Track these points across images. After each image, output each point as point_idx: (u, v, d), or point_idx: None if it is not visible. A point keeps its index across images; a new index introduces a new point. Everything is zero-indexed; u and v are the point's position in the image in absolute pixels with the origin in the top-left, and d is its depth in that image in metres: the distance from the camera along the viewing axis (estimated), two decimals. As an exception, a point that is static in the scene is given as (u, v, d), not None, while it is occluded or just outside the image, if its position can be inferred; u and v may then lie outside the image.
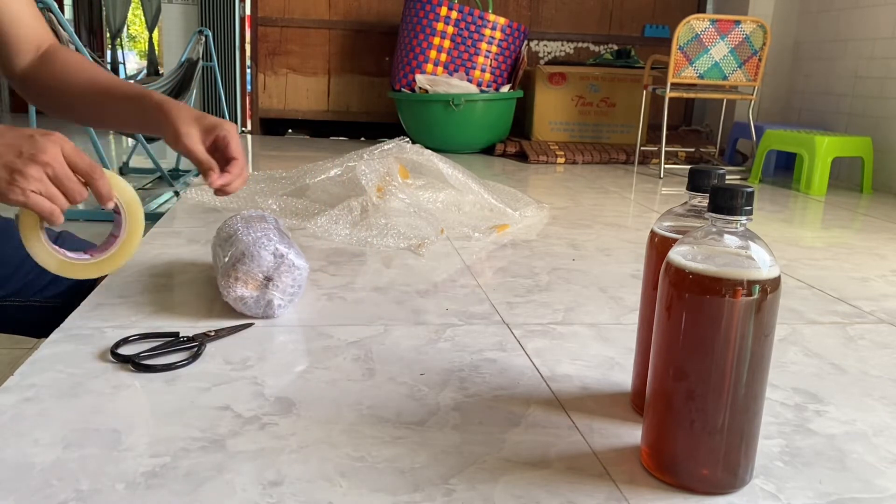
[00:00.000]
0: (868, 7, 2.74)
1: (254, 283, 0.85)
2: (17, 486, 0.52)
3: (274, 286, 0.86)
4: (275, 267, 0.85)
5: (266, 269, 0.85)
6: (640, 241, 1.49)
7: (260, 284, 0.85)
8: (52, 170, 0.68)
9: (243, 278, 0.85)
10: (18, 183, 0.67)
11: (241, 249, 0.85)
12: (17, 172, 0.67)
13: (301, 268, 0.87)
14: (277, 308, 0.87)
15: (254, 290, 0.85)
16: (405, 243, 1.31)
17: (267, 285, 0.86)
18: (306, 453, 0.58)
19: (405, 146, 1.56)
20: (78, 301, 0.91)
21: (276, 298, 0.86)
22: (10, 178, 0.67)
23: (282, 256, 0.85)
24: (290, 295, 0.88)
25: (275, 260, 0.85)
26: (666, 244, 0.60)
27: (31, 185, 0.68)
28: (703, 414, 0.53)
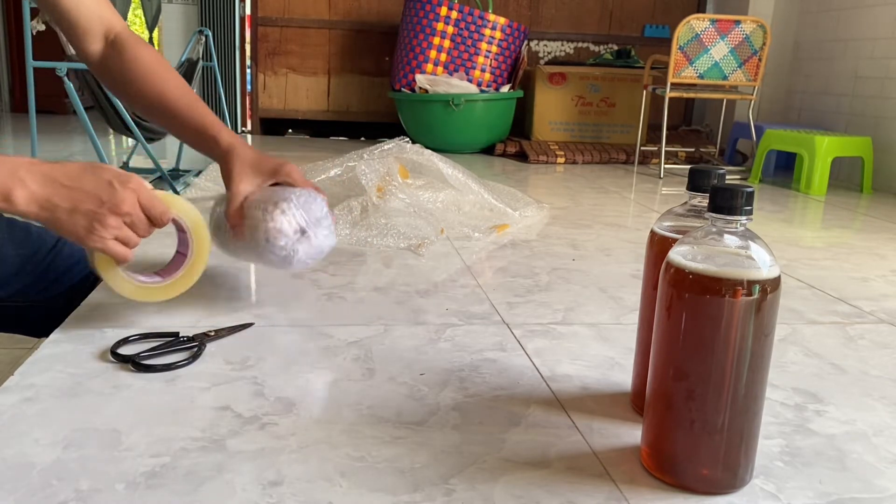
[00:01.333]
0: (868, 7, 2.74)
1: (293, 224, 0.84)
2: (17, 486, 0.52)
3: (307, 239, 0.85)
4: (316, 223, 0.85)
5: (309, 221, 0.85)
6: (640, 241, 1.49)
7: (297, 230, 0.84)
8: (129, 219, 0.73)
9: (288, 215, 0.83)
10: (98, 232, 0.71)
11: (295, 195, 0.85)
12: (97, 222, 0.71)
13: (332, 242, 0.88)
14: (297, 262, 0.86)
15: (289, 230, 0.84)
16: (405, 243, 1.31)
17: (302, 234, 0.85)
18: (306, 453, 0.58)
19: (405, 146, 1.56)
20: (78, 301, 0.91)
21: (301, 251, 0.85)
22: (90, 227, 0.71)
23: (328, 218, 0.87)
24: (312, 258, 0.87)
25: (320, 218, 0.86)
26: (666, 244, 0.60)
27: (110, 233, 0.72)
28: (703, 414, 0.53)
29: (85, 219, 0.71)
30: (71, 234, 0.71)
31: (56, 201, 0.70)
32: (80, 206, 0.70)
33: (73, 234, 0.71)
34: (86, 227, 0.71)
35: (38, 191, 0.69)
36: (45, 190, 0.69)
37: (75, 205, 0.70)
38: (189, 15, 5.32)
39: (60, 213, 0.70)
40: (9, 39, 5.64)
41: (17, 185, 0.68)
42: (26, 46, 2.61)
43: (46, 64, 2.43)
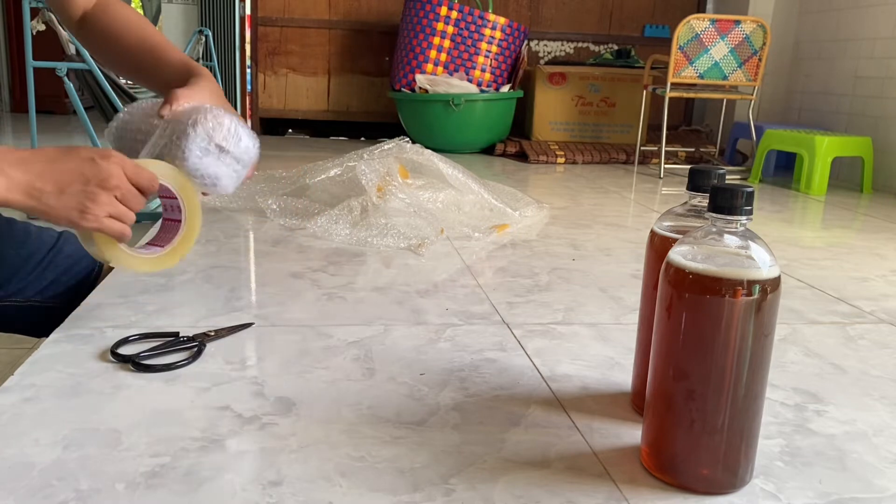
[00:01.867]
0: (868, 7, 2.74)
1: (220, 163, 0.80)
2: (17, 486, 0.52)
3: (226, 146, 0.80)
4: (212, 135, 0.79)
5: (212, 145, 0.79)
6: (640, 241, 1.49)
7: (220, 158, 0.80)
8: (119, 192, 0.70)
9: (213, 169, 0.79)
10: (91, 211, 0.68)
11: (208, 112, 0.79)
12: (89, 201, 0.68)
13: (214, 115, 0.80)
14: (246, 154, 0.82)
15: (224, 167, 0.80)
16: (405, 243, 1.31)
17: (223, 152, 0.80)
18: (306, 453, 0.58)
19: (405, 146, 1.56)
20: (78, 301, 0.91)
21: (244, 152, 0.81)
22: (82, 207, 0.68)
23: (200, 136, 0.78)
24: (238, 137, 0.81)
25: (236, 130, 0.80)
26: (666, 244, 0.60)
27: (103, 210, 0.69)
28: (703, 414, 0.53)
29: (75, 199, 0.68)
30: (62, 219, 0.68)
31: (40, 186, 0.67)
32: (67, 188, 0.68)
33: (64, 219, 0.68)
34: (77, 208, 0.68)
35: (20, 177, 0.66)
36: (26, 176, 0.66)
37: (61, 187, 0.67)
38: (189, 15, 5.32)
39: (48, 197, 0.67)
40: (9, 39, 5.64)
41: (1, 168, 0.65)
42: (26, 46, 2.61)
43: (46, 64, 2.43)
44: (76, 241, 0.98)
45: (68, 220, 0.69)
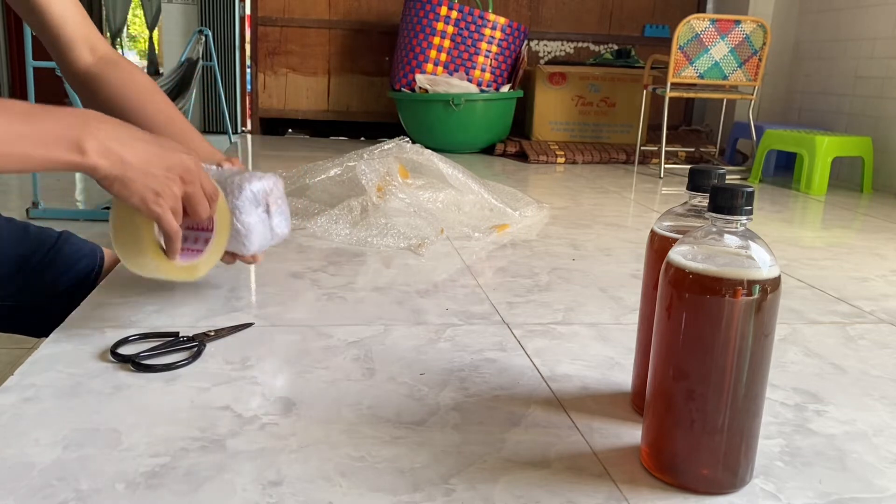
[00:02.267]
0: (868, 7, 2.74)
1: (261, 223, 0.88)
2: (17, 486, 0.52)
3: (273, 213, 0.89)
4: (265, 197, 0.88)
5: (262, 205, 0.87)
6: (640, 241, 1.49)
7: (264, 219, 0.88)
8: (191, 189, 0.71)
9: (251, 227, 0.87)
10: (164, 196, 0.69)
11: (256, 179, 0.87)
12: (165, 187, 0.69)
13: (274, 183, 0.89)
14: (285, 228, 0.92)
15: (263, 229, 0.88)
16: (405, 243, 1.31)
17: (269, 215, 0.89)
18: (306, 453, 0.58)
19: (405, 146, 1.56)
20: (78, 301, 0.91)
21: (278, 226, 0.90)
22: (158, 190, 0.69)
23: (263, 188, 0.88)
24: (282, 213, 0.91)
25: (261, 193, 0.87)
26: (666, 244, 0.60)
27: (170, 202, 0.70)
28: (703, 414, 0.53)
29: (155, 181, 0.68)
30: (136, 196, 0.67)
31: (128, 158, 0.66)
32: (151, 166, 0.67)
33: (138, 194, 0.67)
34: (154, 189, 0.68)
35: (111, 142, 0.65)
36: (115, 141, 0.65)
37: (147, 165, 0.67)
38: (189, 15, 5.33)
39: (132, 171, 0.66)
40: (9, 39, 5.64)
41: (89, 135, 0.64)
42: (26, 46, 2.61)
43: (46, 64, 2.42)
44: (76, 241, 0.99)
45: (141, 198, 0.68)
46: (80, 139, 0.63)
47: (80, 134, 0.63)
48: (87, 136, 0.63)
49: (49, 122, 0.62)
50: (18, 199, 3.11)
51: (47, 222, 0.99)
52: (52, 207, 2.87)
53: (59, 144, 0.62)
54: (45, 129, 0.62)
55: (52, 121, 0.62)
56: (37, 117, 0.62)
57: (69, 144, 0.62)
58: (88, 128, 0.64)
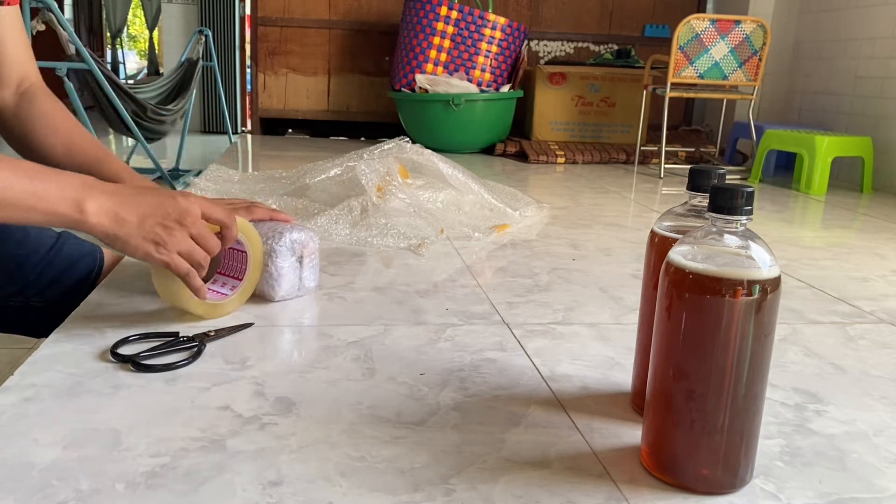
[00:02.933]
0: (868, 7, 2.74)
1: (292, 271, 0.94)
2: (17, 486, 0.52)
3: (305, 265, 0.96)
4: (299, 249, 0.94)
5: (296, 254, 0.93)
6: (640, 241, 1.49)
7: (295, 268, 0.94)
8: (195, 229, 0.74)
9: (282, 273, 0.92)
10: (165, 245, 0.73)
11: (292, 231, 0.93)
12: (165, 234, 0.72)
13: (311, 238, 0.95)
14: (313, 282, 0.98)
15: (293, 278, 0.94)
16: (405, 243, 1.31)
17: (300, 265, 0.95)
18: (306, 453, 0.58)
19: (405, 146, 1.56)
20: (78, 301, 0.91)
21: (307, 279, 0.97)
22: (158, 240, 0.72)
23: (299, 240, 0.93)
24: (313, 267, 0.98)
25: (297, 244, 0.93)
26: (666, 244, 0.60)
27: (175, 246, 0.73)
28: (703, 414, 0.53)
29: (152, 232, 0.71)
30: (139, 249, 0.72)
31: (124, 214, 0.70)
32: (147, 219, 0.71)
33: (141, 249, 0.72)
34: (153, 240, 0.72)
35: (108, 203, 0.69)
36: (113, 201, 0.70)
37: (142, 218, 0.71)
38: (189, 15, 5.33)
39: (129, 227, 0.70)
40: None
41: (89, 196, 0.68)
42: (26, 46, 2.59)
43: (46, 64, 2.42)
44: (75, 242, 0.99)
45: (144, 252, 0.72)
46: (82, 200, 0.68)
47: (82, 195, 0.68)
48: (87, 197, 0.68)
49: (54, 182, 0.67)
50: (18, 199, 3.11)
51: (47, 222, 0.99)
52: (52, 207, 2.86)
53: (63, 202, 0.67)
54: (51, 188, 0.67)
55: (57, 181, 0.68)
56: (44, 177, 0.67)
57: (71, 203, 0.67)
58: (89, 190, 0.69)
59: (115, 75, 3.38)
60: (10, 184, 0.64)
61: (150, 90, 3.40)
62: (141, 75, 9.89)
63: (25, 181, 0.65)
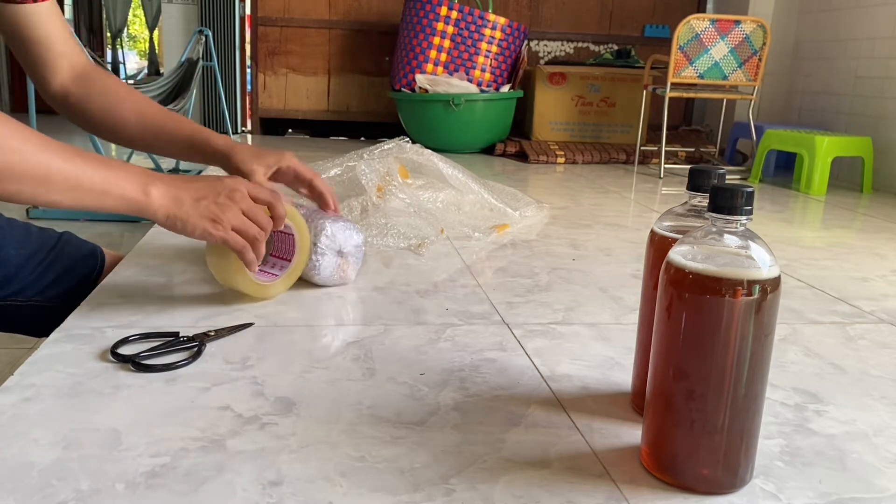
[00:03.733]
0: (868, 7, 2.74)
1: (336, 257, 0.99)
2: (17, 486, 0.52)
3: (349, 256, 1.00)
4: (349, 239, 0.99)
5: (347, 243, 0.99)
6: (640, 241, 1.49)
7: (337, 256, 0.99)
8: (245, 205, 0.80)
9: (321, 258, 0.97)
10: (221, 221, 0.78)
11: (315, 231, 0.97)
12: (219, 211, 0.78)
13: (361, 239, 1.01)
14: (353, 275, 1.03)
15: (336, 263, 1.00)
16: (405, 243, 1.31)
17: (342, 256, 0.99)
18: (306, 453, 0.58)
19: (405, 146, 1.56)
20: (78, 301, 0.91)
21: (350, 270, 1.02)
22: (214, 217, 0.77)
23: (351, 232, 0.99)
24: (358, 259, 1.03)
25: (351, 232, 0.99)
26: (666, 244, 0.60)
27: (230, 222, 0.78)
28: (703, 414, 0.53)
29: (208, 209, 0.77)
30: (198, 228, 0.77)
31: (182, 196, 0.76)
32: (202, 200, 0.77)
33: (200, 228, 0.77)
34: (210, 217, 0.77)
35: (167, 187, 0.75)
36: (171, 186, 0.76)
37: (197, 197, 0.77)
38: (189, 15, 5.32)
39: (187, 207, 0.76)
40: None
41: (151, 182, 0.74)
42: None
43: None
44: (76, 242, 0.99)
45: (203, 230, 0.77)
46: (147, 184, 0.74)
47: (147, 181, 0.74)
48: (150, 182, 0.74)
49: (122, 171, 0.73)
50: (18, 199, 3.11)
51: (48, 223, 0.99)
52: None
53: (131, 187, 0.73)
54: (120, 175, 0.73)
55: (125, 169, 0.74)
56: (113, 165, 0.73)
57: (138, 187, 0.73)
58: (151, 177, 0.75)
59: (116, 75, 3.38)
60: (86, 170, 0.70)
61: (151, 90, 3.40)
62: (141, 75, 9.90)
63: (99, 168, 0.71)
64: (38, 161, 0.67)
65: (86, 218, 2.81)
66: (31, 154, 0.67)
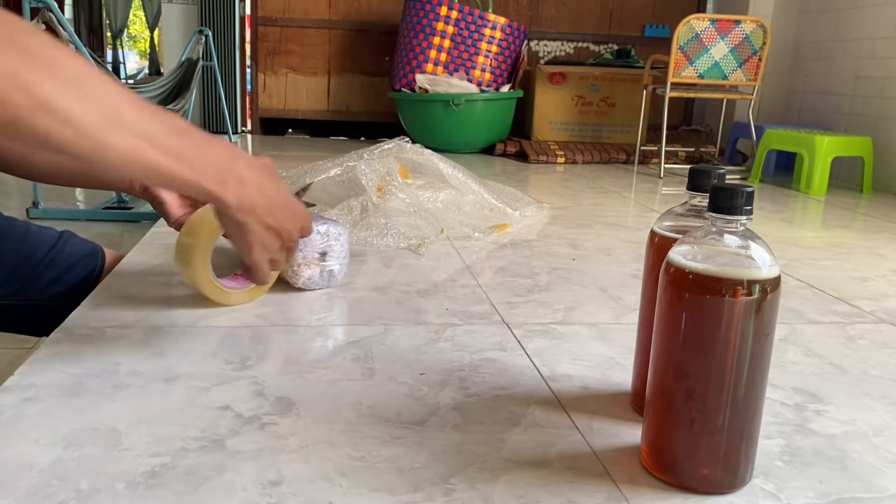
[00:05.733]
0: (868, 7, 2.74)
1: (313, 262, 0.98)
2: (17, 486, 0.52)
3: (329, 257, 0.99)
4: (324, 241, 0.97)
5: (319, 247, 0.97)
6: (640, 241, 1.49)
7: (318, 260, 0.99)
8: (293, 248, 0.70)
9: (304, 262, 0.98)
10: (268, 249, 0.66)
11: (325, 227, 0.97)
12: (274, 240, 0.66)
13: (343, 232, 1.00)
14: (339, 275, 1.02)
15: (315, 269, 0.99)
16: (405, 243, 1.31)
17: (324, 259, 0.99)
18: (306, 453, 0.58)
19: (405, 146, 1.56)
20: (78, 301, 0.91)
21: (335, 268, 1.00)
22: (266, 243, 0.66)
23: (326, 232, 0.97)
24: (343, 259, 1.01)
25: (321, 237, 0.97)
26: (666, 244, 0.60)
27: (271, 254, 0.67)
28: (703, 414, 0.53)
29: (267, 234, 0.65)
30: (245, 244, 0.65)
31: (258, 203, 0.63)
32: (269, 220, 0.64)
33: (247, 245, 0.65)
34: (263, 242, 0.65)
35: (249, 190, 0.62)
36: (252, 190, 0.62)
37: (266, 214, 0.64)
38: (189, 15, 5.32)
39: (254, 218, 0.63)
40: (9, 39, 5.63)
41: (233, 173, 0.61)
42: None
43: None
44: (77, 241, 0.99)
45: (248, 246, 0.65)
46: (225, 173, 0.60)
47: (227, 167, 0.61)
48: (231, 172, 0.61)
49: (203, 148, 0.59)
50: (18, 199, 3.11)
51: (47, 222, 0.99)
52: (52, 207, 2.87)
53: (207, 171, 0.59)
54: (200, 153, 0.59)
55: (206, 146, 0.60)
56: (192, 137, 0.59)
57: (215, 175, 0.60)
58: (235, 164, 0.61)
59: (116, 75, 3.37)
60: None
61: (151, 90, 3.40)
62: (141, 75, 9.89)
63: (174, 138, 0.57)
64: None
65: (86, 217, 2.81)
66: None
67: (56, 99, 0.49)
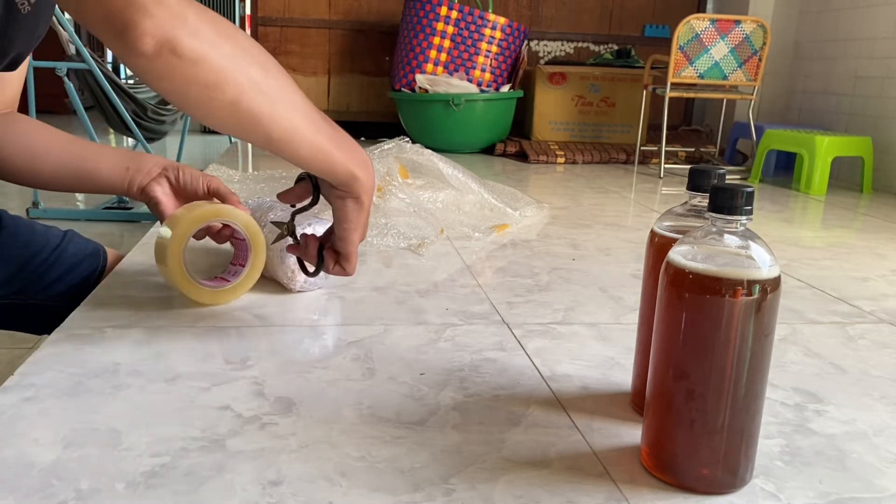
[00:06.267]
0: (868, 7, 2.74)
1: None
2: (17, 486, 0.52)
3: None
4: None
5: None
6: (640, 241, 1.49)
7: None
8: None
9: (297, 267, 0.95)
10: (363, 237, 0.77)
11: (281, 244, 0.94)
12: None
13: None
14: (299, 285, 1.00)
15: None
16: (405, 243, 1.31)
17: None
18: (306, 453, 0.58)
19: (405, 146, 1.56)
20: (79, 301, 0.91)
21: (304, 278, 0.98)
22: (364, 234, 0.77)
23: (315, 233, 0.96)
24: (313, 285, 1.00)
25: None
26: (666, 244, 0.60)
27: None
28: (703, 414, 0.53)
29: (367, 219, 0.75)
30: (357, 232, 0.74)
31: (370, 198, 0.74)
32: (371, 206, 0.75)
33: (358, 234, 0.75)
34: (365, 226, 0.75)
35: (371, 170, 0.74)
36: (372, 175, 0.74)
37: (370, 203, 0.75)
38: (189, 15, 5.31)
39: (370, 200, 0.74)
40: (9, 39, 5.63)
41: (366, 166, 0.73)
42: (26, 46, 2.59)
43: (47, 63, 2.43)
44: (80, 241, 0.99)
45: (360, 235, 0.75)
46: (363, 160, 0.73)
47: (363, 156, 0.73)
48: (365, 160, 0.73)
49: (347, 139, 0.72)
50: (19, 199, 3.11)
51: (48, 222, 0.99)
52: (53, 207, 2.87)
53: (354, 157, 0.71)
54: (347, 143, 0.72)
55: (348, 138, 0.73)
56: (340, 132, 0.72)
57: (360, 161, 0.72)
58: (364, 154, 0.74)
59: (116, 75, 3.38)
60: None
61: (151, 90, 3.40)
62: (141, 75, 9.86)
63: (332, 130, 0.71)
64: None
65: (87, 218, 2.81)
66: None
67: (262, 84, 0.66)
